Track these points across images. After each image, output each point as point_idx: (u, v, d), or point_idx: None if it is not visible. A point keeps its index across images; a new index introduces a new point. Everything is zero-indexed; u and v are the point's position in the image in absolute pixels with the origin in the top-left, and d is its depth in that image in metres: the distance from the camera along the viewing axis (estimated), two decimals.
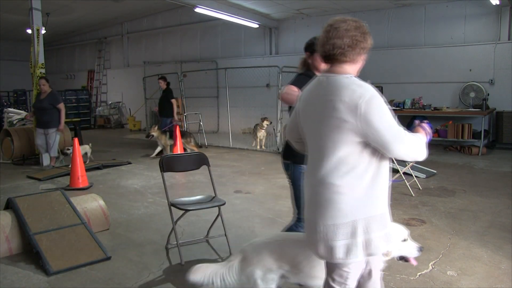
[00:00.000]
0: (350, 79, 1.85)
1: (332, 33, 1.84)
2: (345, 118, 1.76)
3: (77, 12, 13.87)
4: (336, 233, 1.80)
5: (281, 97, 2.69)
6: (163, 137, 8.81)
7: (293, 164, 2.75)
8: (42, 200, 4.05)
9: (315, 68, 2.80)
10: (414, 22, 10.63)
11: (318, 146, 1.89)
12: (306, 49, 2.82)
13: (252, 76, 11.53)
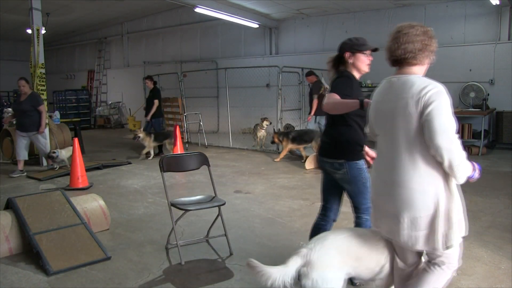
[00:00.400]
0: (421, 78, 2.00)
1: (403, 39, 2.01)
2: (411, 112, 1.92)
3: (77, 12, 13.88)
4: (419, 224, 1.96)
5: (324, 108, 2.65)
6: (147, 138, 8.73)
7: (347, 162, 2.73)
8: (42, 200, 4.04)
9: (356, 68, 2.88)
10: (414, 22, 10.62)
11: (393, 144, 2.04)
12: (347, 49, 2.86)
13: (252, 76, 11.54)
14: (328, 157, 2.80)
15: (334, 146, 2.77)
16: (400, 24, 2.08)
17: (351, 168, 2.73)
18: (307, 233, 4.08)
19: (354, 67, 2.88)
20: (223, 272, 3.28)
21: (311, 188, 6.02)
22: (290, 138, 8.08)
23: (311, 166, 7.49)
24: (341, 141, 2.75)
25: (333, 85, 2.77)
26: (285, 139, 8.12)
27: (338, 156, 2.74)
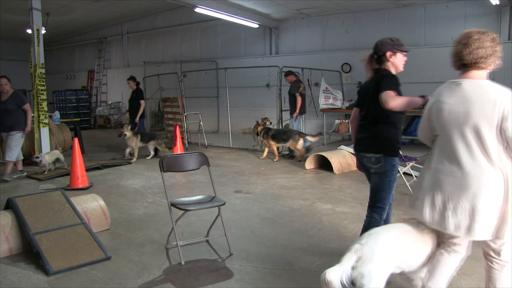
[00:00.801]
0: (493, 84, 2.20)
1: (474, 44, 2.19)
2: (487, 115, 2.10)
3: (77, 12, 13.88)
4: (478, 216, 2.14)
5: (392, 106, 2.70)
6: (134, 139, 8.51)
7: (384, 157, 2.88)
8: (42, 200, 4.04)
9: (395, 66, 2.99)
10: (414, 22, 10.63)
11: (464, 142, 2.19)
12: (389, 49, 2.96)
13: (252, 76, 11.54)
14: (367, 151, 2.94)
15: (374, 141, 2.92)
16: (468, 30, 2.24)
17: (386, 163, 2.89)
18: (307, 233, 4.10)
19: (393, 65, 2.98)
20: (223, 272, 3.28)
21: (311, 188, 6.02)
22: (270, 135, 8.29)
23: (311, 166, 7.50)
24: (382, 137, 2.90)
25: (382, 83, 2.81)
26: (266, 136, 8.35)
27: (377, 151, 2.90)
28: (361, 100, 3.13)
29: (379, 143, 2.89)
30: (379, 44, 3.02)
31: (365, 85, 3.11)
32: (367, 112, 2.98)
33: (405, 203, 5.12)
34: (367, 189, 5.83)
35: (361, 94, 3.18)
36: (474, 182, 2.15)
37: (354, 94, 11.27)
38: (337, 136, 11.33)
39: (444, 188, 2.26)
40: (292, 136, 8.07)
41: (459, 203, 2.19)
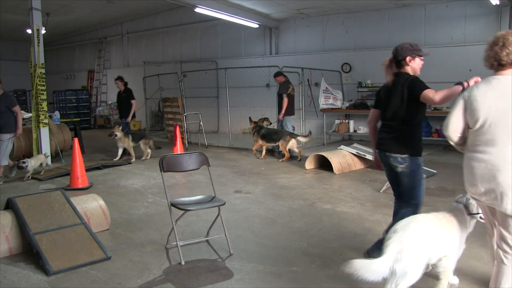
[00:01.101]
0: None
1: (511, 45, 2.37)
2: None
3: (77, 12, 13.88)
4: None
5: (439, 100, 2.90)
6: (126, 139, 8.39)
7: (409, 157, 3.04)
8: (42, 200, 4.05)
9: (413, 70, 3.18)
10: (414, 22, 10.63)
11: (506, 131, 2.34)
12: (408, 54, 3.14)
13: (252, 76, 11.54)
14: (394, 152, 3.08)
15: (401, 142, 3.07)
16: (502, 33, 2.43)
17: (412, 163, 3.04)
18: (307, 233, 4.10)
19: (412, 69, 3.16)
20: (223, 272, 3.28)
21: (311, 188, 6.02)
22: (260, 134, 8.37)
23: (311, 166, 7.50)
24: (408, 137, 3.06)
25: (416, 86, 3.02)
26: (256, 134, 8.44)
27: (402, 151, 3.05)
28: (381, 102, 3.28)
29: (406, 144, 3.05)
30: (399, 49, 3.15)
31: (385, 87, 3.23)
32: (394, 114, 3.11)
33: None
34: (367, 189, 5.86)
35: (380, 96, 3.32)
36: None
37: (354, 94, 11.29)
38: (337, 136, 11.33)
39: (476, 173, 2.44)
40: (283, 136, 8.14)
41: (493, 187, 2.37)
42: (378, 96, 3.38)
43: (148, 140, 8.77)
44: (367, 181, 6.40)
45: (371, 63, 11.21)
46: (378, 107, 3.33)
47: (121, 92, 9.17)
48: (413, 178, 3.09)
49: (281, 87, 8.74)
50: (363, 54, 11.36)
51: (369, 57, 11.23)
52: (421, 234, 2.49)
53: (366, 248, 3.67)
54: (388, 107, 3.17)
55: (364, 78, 11.22)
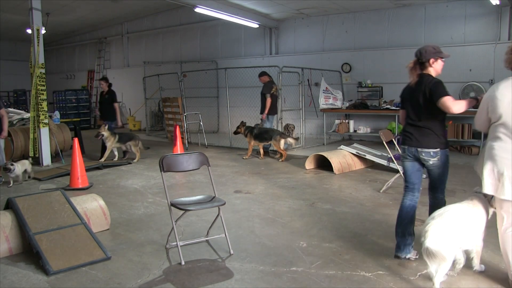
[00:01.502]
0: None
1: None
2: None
3: (77, 12, 13.88)
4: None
5: (455, 111, 3.23)
6: (112, 138, 8.20)
7: (441, 150, 3.37)
8: (42, 200, 4.04)
9: (436, 71, 3.40)
10: (414, 22, 10.63)
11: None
12: (432, 56, 3.34)
13: (252, 76, 11.51)
14: (425, 147, 3.37)
15: (431, 138, 3.36)
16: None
17: (442, 155, 3.39)
18: (307, 233, 4.10)
19: (435, 70, 3.39)
20: (223, 272, 3.28)
21: (311, 188, 6.02)
22: (253, 134, 8.46)
23: (311, 166, 7.50)
24: (437, 133, 3.36)
25: (437, 90, 3.24)
26: (249, 135, 8.52)
27: (434, 146, 3.35)
28: (406, 102, 3.54)
29: (436, 139, 3.35)
30: (422, 52, 3.35)
31: (409, 88, 3.49)
32: (419, 112, 3.38)
33: None
34: (367, 189, 5.86)
35: (405, 97, 3.58)
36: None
37: (354, 94, 11.29)
38: (337, 136, 11.33)
39: (498, 162, 2.78)
40: (274, 136, 8.29)
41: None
42: (402, 97, 3.63)
43: (137, 141, 8.61)
44: (367, 181, 6.40)
45: (371, 63, 11.22)
46: (404, 107, 3.59)
47: (104, 93, 8.97)
48: (444, 168, 3.47)
49: (265, 87, 8.90)
50: (363, 54, 11.36)
51: (369, 57, 11.23)
52: (456, 220, 2.86)
53: (366, 248, 3.68)
54: (413, 106, 3.42)
55: (364, 78, 11.21)
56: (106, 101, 8.93)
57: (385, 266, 3.30)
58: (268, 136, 8.38)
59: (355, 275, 3.15)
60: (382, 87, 10.72)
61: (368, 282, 3.04)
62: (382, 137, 5.89)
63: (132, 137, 8.69)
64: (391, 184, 5.83)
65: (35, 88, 7.80)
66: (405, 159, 3.58)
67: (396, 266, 3.29)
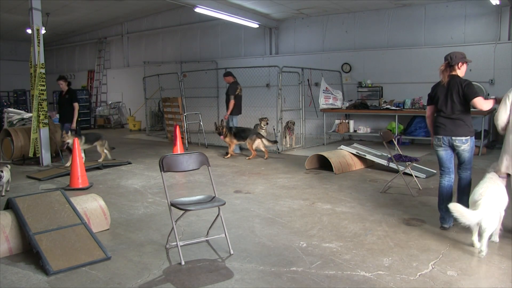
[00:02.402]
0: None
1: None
2: None
3: (77, 12, 13.88)
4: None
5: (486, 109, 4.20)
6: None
7: (470, 138, 4.12)
8: (42, 200, 4.04)
9: (461, 73, 4.17)
10: (414, 22, 10.63)
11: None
12: (460, 60, 4.09)
13: (252, 76, 11.53)
14: (459, 135, 4.10)
15: (464, 128, 4.11)
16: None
17: (471, 142, 4.14)
18: (307, 233, 4.10)
19: (461, 72, 4.17)
20: (223, 272, 3.28)
21: (311, 188, 6.02)
22: (233, 133, 8.56)
23: (311, 166, 7.50)
24: (467, 124, 4.13)
25: (471, 90, 4.05)
26: (229, 134, 8.58)
27: (466, 134, 4.10)
28: (436, 98, 4.23)
29: (467, 129, 4.11)
30: (452, 57, 4.08)
31: (441, 87, 4.17)
32: (453, 107, 4.11)
33: (405, 203, 5.13)
34: (367, 189, 5.86)
35: (436, 94, 4.24)
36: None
37: (354, 94, 11.29)
38: (337, 136, 11.33)
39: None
40: (250, 135, 8.47)
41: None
42: (433, 94, 4.28)
43: (104, 141, 8.17)
44: (367, 181, 6.40)
45: (371, 63, 11.22)
46: (432, 103, 4.32)
47: (63, 93, 8.68)
48: (471, 152, 4.20)
49: (230, 88, 9.00)
50: (363, 54, 11.36)
51: (369, 57, 11.24)
52: (498, 195, 3.62)
53: (366, 248, 3.68)
54: (447, 102, 4.12)
55: (364, 78, 11.22)
56: (66, 102, 8.55)
57: (385, 266, 3.30)
58: (245, 135, 8.55)
59: (355, 275, 3.15)
60: (382, 87, 10.72)
61: (368, 282, 3.04)
62: (382, 137, 5.89)
63: (99, 137, 8.20)
64: (391, 184, 5.83)
65: (36, 88, 7.79)
66: (439, 147, 4.24)
67: (396, 266, 3.29)
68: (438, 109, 4.22)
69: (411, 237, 3.92)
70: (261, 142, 8.55)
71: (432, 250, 3.59)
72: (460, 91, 4.01)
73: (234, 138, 8.63)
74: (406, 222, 4.37)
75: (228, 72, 9.36)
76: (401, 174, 5.69)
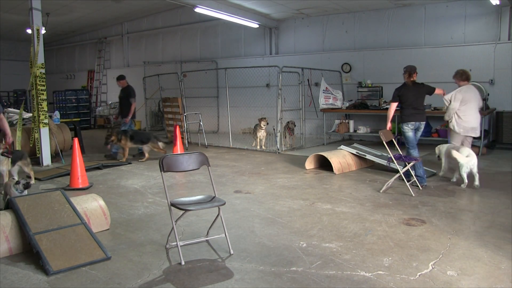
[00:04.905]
0: None
1: None
2: None
3: (77, 12, 13.88)
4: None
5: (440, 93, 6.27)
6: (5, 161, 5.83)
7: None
8: (42, 200, 4.04)
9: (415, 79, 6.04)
10: (414, 22, 10.63)
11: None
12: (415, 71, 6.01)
13: (252, 76, 11.54)
14: (423, 120, 6.03)
15: (425, 116, 6.08)
16: None
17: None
18: (307, 233, 4.10)
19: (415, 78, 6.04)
20: (223, 272, 3.28)
21: (311, 188, 6.02)
22: (129, 136, 8.36)
23: (311, 166, 7.50)
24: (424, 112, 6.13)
25: (430, 88, 6.12)
26: (124, 138, 8.33)
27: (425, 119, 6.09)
28: (401, 96, 6.01)
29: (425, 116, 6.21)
30: (411, 68, 5.98)
31: (407, 87, 5.97)
32: (420, 102, 6.02)
33: (405, 203, 5.13)
34: (367, 189, 5.87)
35: (402, 94, 5.98)
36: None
37: (354, 94, 11.29)
38: (337, 136, 11.32)
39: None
40: (151, 139, 8.49)
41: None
42: (400, 94, 5.98)
43: (27, 161, 6.45)
44: (367, 181, 6.40)
45: (371, 63, 11.22)
46: (397, 100, 6.02)
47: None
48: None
49: (131, 91, 8.94)
50: (363, 54, 11.36)
51: (369, 57, 11.23)
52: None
53: (366, 248, 3.68)
54: (416, 99, 5.94)
55: (364, 78, 11.22)
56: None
57: (385, 266, 3.30)
58: (145, 139, 8.47)
59: (355, 275, 3.15)
60: (382, 87, 10.71)
61: (368, 282, 3.04)
62: (382, 137, 5.89)
63: (22, 156, 6.46)
64: (391, 184, 5.83)
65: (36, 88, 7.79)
66: (410, 131, 5.94)
67: (396, 266, 3.29)
68: (408, 104, 5.88)
69: (411, 237, 3.92)
70: (161, 144, 8.63)
71: (432, 250, 3.59)
72: (423, 90, 5.99)
73: (130, 141, 8.32)
74: (406, 222, 4.37)
75: (121, 76, 9.26)
76: (401, 174, 5.69)
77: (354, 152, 7.37)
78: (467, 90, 6.26)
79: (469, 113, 6.08)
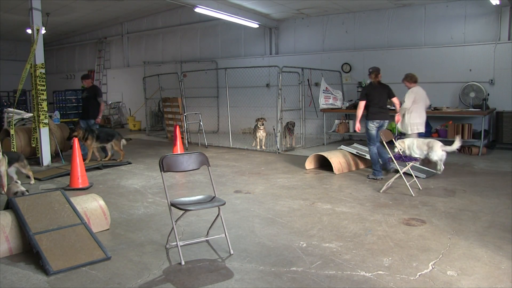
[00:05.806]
0: None
1: None
2: None
3: (77, 12, 13.88)
4: None
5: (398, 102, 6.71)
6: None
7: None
8: (42, 200, 4.04)
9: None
10: (414, 22, 10.63)
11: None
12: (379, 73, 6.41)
13: (252, 76, 11.54)
14: (388, 119, 6.47)
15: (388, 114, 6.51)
16: None
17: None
18: (307, 233, 4.10)
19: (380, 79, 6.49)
20: (223, 272, 3.28)
21: (311, 188, 6.02)
22: (95, 136, 8.21)
23: (311, 166, 7.50)
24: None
25: (391, 91, 6.47)
26: (90, 137, 8.15)
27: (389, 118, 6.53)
28: (372, 96, 6.37)
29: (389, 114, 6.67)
30: (377, 69, 6.42)
31: (373, 87, 6.38)
32: (384, 101, 6.42)
33: (405, 203, 5.13)
34: (367, 189, 5.87)
35: (371, 93, 6.36)
36: None
37: (354, 94, 11.30)
38: (337, 136, 11.32)
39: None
40: (116, 136, 8.37)
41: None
42: (368, 92, 6.38)
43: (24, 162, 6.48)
44: (367, 181, 6.40)
45: (371, 63, 11.17)
46: (365, 99, 6.38)
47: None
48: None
49: (97, 91, 8.81)
50: (363, 54, 11.36)
51: (369, 57, 11.23)
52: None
53: (366, 248, 3.68)
54: (381, 98, 6.35)
55: (364, 78, 11.21)
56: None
57: (385, 266, 3.30)
58: (110, 138, 8.35)
59: (355, 275, 3.15)
60: None
61: (368, 282, 3.04)
62: (382, 137, 5.89)
63: (18, 158, 6.41)
64: (391, 184, 5.83)
65: (36, 88, 7.79)
66: (374, 129, 6.30)
67: (396, 266, 3.29)
68: (375, 103, 6.27)
69: (411, 237, 3.92)
70: (124, 141, 8.56)
71: (432, 250, 3.59)
72: (386, 91, 6.43)
73: (97, 141, 8.21)
74: (406, 222, 4.37)
75: (87, 75, 9.20)
76: (401, 174, 5.69)
77: (354, 152, 7.37)
78: (417, 91, 7.09)
79: (419, 111, 7.10)
